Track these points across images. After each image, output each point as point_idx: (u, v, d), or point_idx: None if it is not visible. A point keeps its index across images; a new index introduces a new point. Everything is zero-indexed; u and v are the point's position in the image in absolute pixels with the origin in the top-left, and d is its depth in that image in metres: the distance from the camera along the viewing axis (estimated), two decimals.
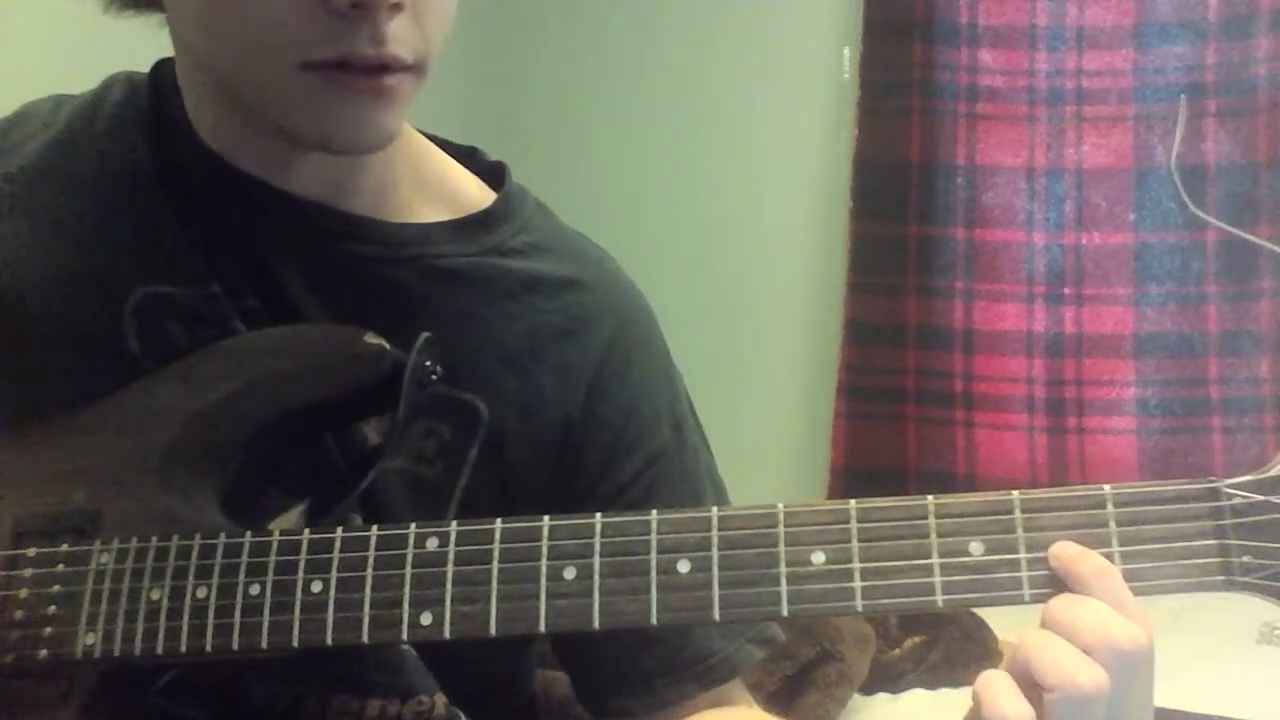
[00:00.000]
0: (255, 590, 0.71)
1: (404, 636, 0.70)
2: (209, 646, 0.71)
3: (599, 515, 0.70)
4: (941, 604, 0.67)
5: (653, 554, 0.69)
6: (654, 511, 0.70)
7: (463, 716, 0.85)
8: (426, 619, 0.70)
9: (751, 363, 2.67)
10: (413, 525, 0.71)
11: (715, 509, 0.70)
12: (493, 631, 0.69)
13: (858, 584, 0.67)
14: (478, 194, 0.90)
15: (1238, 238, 2.26)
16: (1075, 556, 0.66)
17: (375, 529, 0.72)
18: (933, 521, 0.67)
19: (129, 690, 0.75)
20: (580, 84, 2.78)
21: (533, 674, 0.96)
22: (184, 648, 0.71)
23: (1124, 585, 0.65)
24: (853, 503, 0.68)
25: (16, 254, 0.84)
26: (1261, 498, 0.66)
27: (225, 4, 0.73)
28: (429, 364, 0.78)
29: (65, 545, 0.75)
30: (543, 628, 0.69)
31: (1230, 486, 0.67)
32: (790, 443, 2.63)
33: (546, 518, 0.71)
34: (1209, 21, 2.27)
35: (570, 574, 0.69)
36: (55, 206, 0.85)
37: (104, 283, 0.82)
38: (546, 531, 0.70)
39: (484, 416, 0.83)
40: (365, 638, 0.70)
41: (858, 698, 1.77)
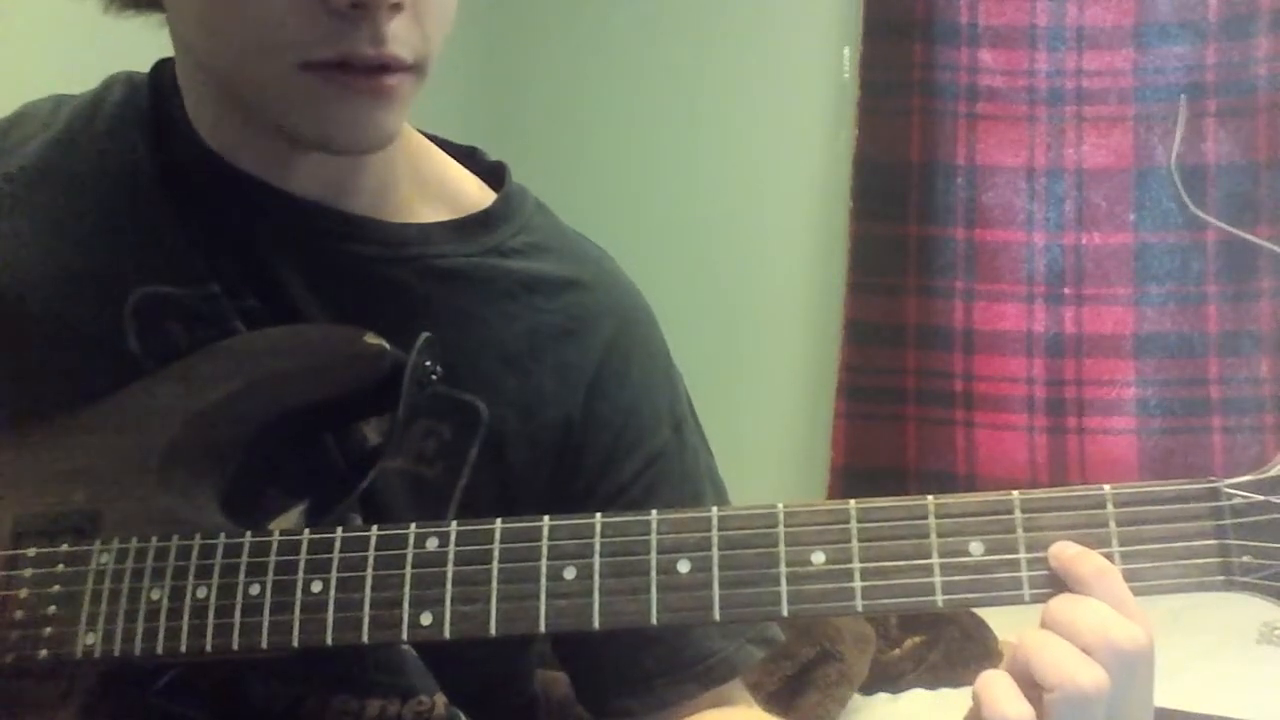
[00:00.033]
0: (255, 590, 0.71)
1: (404, 636, 0.70)
2: (209, 646, 0.71)
3: (599, 515, 0.70)
4: (941, 604, 0.67)
5: (653, 554, 0.69)
6: (654, 511, 0.70)
7: (463, 716, 0.85)
8: (426, 619, 0.70)
9: (751, 363, 2.66)
10: (413, 525, 0.71)
11: (715, 509, 0.70)
12: (493, 631, 0.69)
13: (858, 584, 0.67)
14: (478, 194, 0.90)
15: (1238, 238, 2.25)
16: (1075, 556, 0.66)
17: (375, 529, 0.72)
18: (933, 521, 0.67)
19: (129, 690, 0.75)
20: (580, 84, 2.78)
21: (533, 674, 0.96)
22: (184, 648, 0.71)
23: (1124, 585, 0.65)
24: (853, 503, 0.68)
25: (16, 254, 0.84)
26: (1261, 498, 0.66)
27: (225, 4, 0.74)
28: (429, 364, 0.78)
29: (65, 545, 0.75)
30: (543, 628, 0.69)
31: (1230, 486, 0.66)
32: (790, 443, 2.63)
33: (546, 518, 0.70)
34: (1209, 21, 2.27)
35: (570, 574, 0.69)
36: (55, 206, 0.85)
37: (104, 283, 0.82)
38: (546, 531, 0.70)
39: (484, 416, 0.83)
40: (365, 638, 0.70)
41: (858, 698, 1.77)
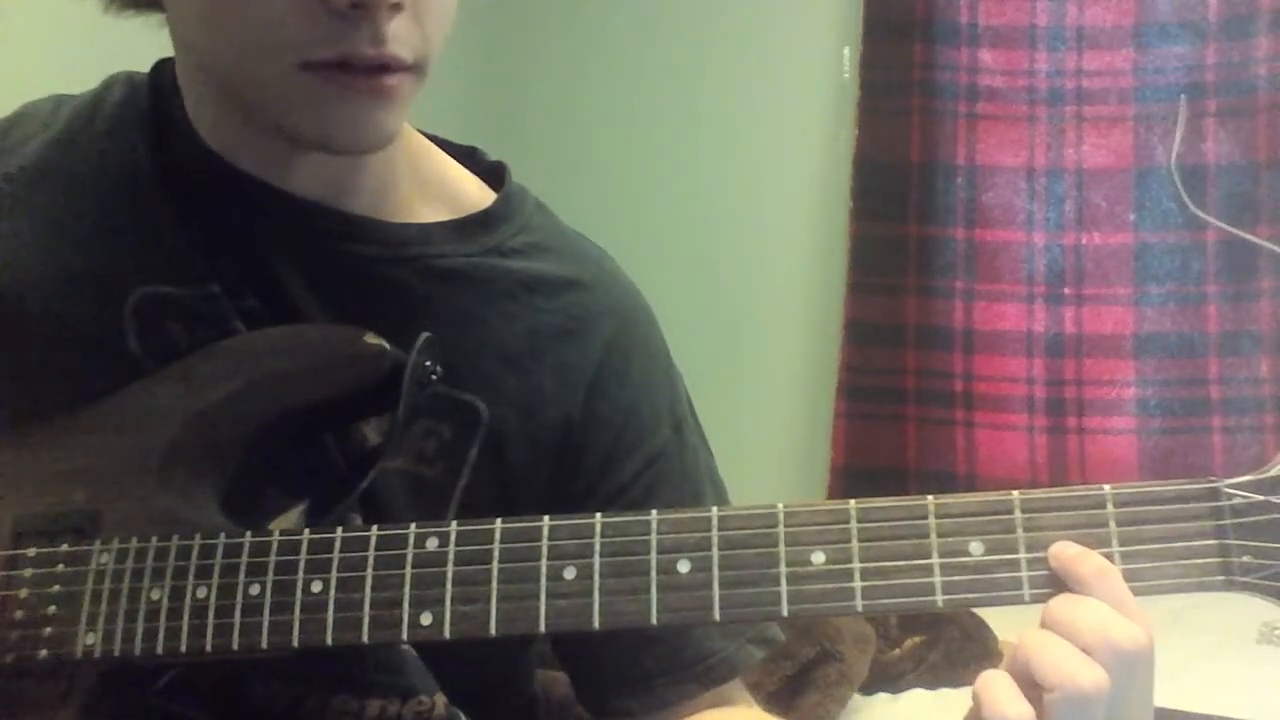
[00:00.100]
0: (255, 590, 0.71)
1: (404, 636, 0.70)
2: (209, 646, 0.71)
3: (599, 515, 0.70)
4: (941, 604, 0.67)
5: (653, 554, 0.69)
6: (654, 511, 0.70)
7: (463, 716, 0.85)
8: (426, 619, 0.70)
9: (751, 363, 2.66)
10: (413, 525, 0.71)
11: (715, 509, 0.70)
12: (493, 631, 0.69)
13: (858, 584, 0.67)
14: (478, 194, 0.90)
15: (1238, 238, 2.25)
16: (1075, 556, 0.66)
17: (375, 529, 0.72)
18: (933, 521, 0.67)
19: (129, 690, 0.75)
20: (580, 84, 2.78)
21: (533, 674, 0.96)
22: (184, 648, 0.71)
23: (1124, 585, 0.65)
24: (853, 503, 0.68)
25: (16, 254, 0.84)
26: (1261, 498, 0.66)
27: (225, 4, 0.73)
28: (429, 364, 0.78)
29: (65, 545, 0.75)
30: (543, 628, 0.69)
31: (1230, 486, 0.66)
32: (790, 443, 2.63)
33: (546, 518, 0.70)
34: (1209, 21, 2.27)
35: (570, 574, 0.69)
36: (55, 206, 0.85)
37: (104, 283, 0.82)
38: (546, 531, 0.70)
39: (484, 416, 0.83)
40: (365, 638, 0.70)
41: (858, 698, 1.77)
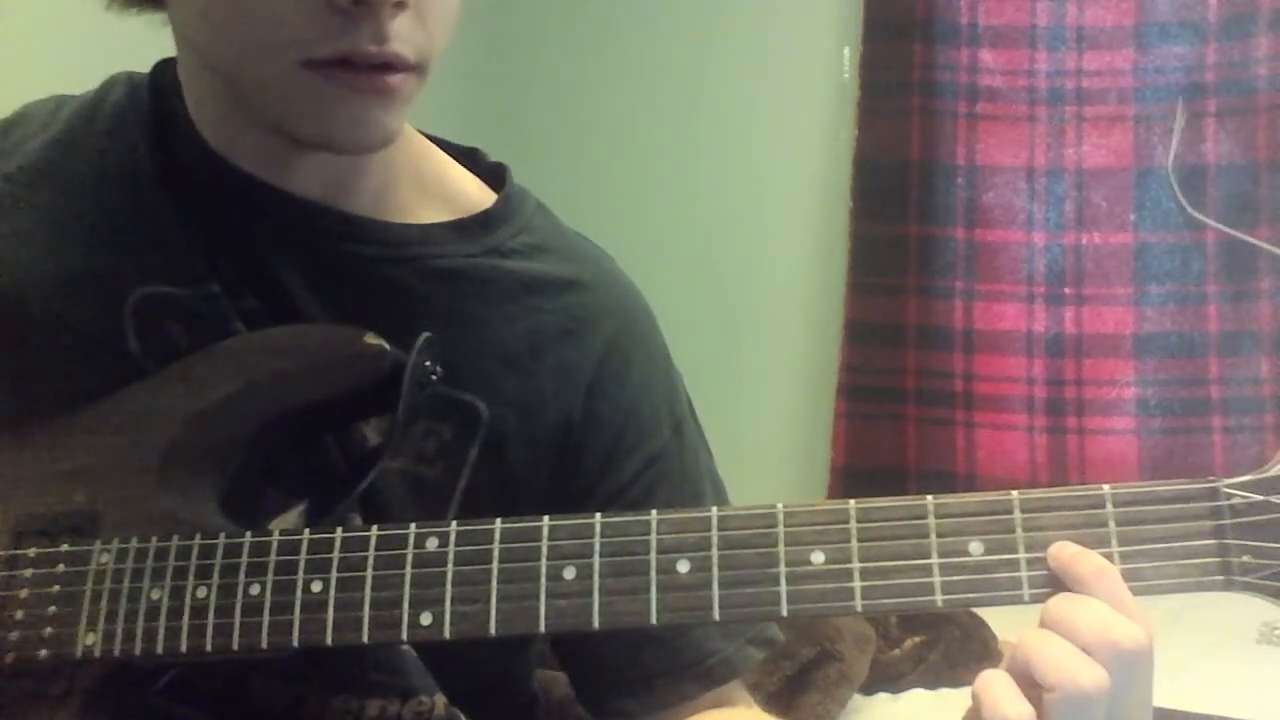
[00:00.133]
0: (255, 590, 0.71)
1: (404, 636, 0.70)
2: (209, 646, 0.71)
3: (599, 515, 0.70)
4: (941, 604, 0.67)
5: (652, 554, 0.69)
6: (654, 511, 0.70)
7: (463, 716, 0.85)
8: (426, 619, 0.70)
9: (751, 363, 2.66)
10: (413, 525, 0.71)
11: (715, 509, 0.70)
12: (493, 631, 0.69)
13: (857, 584, 0.67)
14: (478, 194, 0.90)
15: (1237, 239, 2.25)
16: (1074, 556, 0.66)
17: (375, 529, 0.72)
18: (932, 521, 0.67)
19: (129, 690, 0.75)
20: (580, 84, 2.78)
21: (533, 674, 0.96)
22: (184, 648, 0.71)
23: (1123, 585, 0.65)
24: (852, 503, 0.68)
25: (17, 254, 0.84)
26: (1261, 498, 0.66)
27: (227, 1, 0.74)
28: (429, 364, 0.78)
29: (65, 545, 0.75)
30: (543, 628, 0.69)
31: (1230, 486, 0.66)
32: (790, 443, 2.63)
33: (546, 518, 0.70)
34: (1209, 21, 2.27)
35: (570, 574, 0.69)
36: (55, 206, 0.85)
37: (104, 282, 0.82)
38: (546, 531, 0.70)
39: (484, 416, 0.83)
40: (365, 638, 0.70)
41: (858, 698, 1.77)
